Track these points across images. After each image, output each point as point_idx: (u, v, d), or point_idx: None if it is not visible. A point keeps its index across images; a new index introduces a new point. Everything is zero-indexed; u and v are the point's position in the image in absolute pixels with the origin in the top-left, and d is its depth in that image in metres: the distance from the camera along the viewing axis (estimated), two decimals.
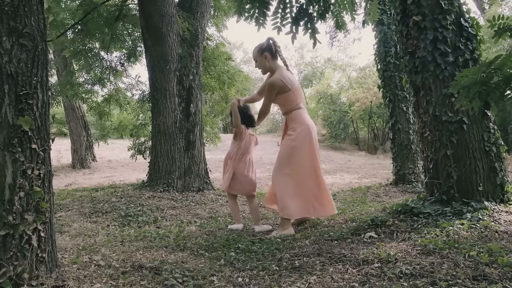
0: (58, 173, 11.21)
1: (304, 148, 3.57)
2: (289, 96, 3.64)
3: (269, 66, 3.72)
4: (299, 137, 3.58)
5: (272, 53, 3.69)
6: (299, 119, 3.65)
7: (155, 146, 5.59)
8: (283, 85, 3.61)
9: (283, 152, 3.63)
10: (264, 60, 3.69)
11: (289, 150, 3.58)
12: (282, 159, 3.61)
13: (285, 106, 3.72)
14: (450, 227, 2.96)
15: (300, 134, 3.58)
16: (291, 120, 3.67)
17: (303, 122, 3.64)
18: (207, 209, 4.81)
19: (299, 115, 3.67)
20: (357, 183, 8.73)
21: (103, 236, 3.61)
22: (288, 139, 3.63)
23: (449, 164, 3.59)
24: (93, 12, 6.04)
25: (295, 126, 3.63)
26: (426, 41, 3.73)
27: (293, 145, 3.56)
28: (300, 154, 3.57)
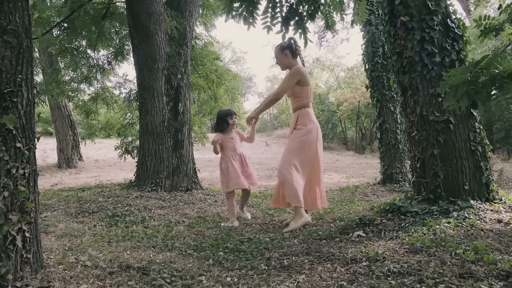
0: (43, 173, 11.05)
1: (312, 144, 3.71)
2: (306, 90, 3.80)
3: (288, 63, 3.85)
4: (310, 133, 3.72)
5: (293, 52, 3.80)
6: (310, 117, 3.81)
7: (143, 146, 5.53)
8: (306, 76, 3.79)
9: (294, 144, 3.73)
10: (284, 57, 3.83)
11: (300, 143, 3.70)
12: (293, 151, 3.71)
13: (300, 99, 3.82)
14: (437, 226, 2.99)
15: (311, 131, 3.73)
16: (303, 116, 3.79)
17: (314, 121, 3.82)
18: (195, 208, 4.78)
19: (310, 113, 3.84)
20: (345, 182, 8.77)
21: (89, 236, 3.56)
22: (298, 133, 3.74)
23: (436, 163, 3.64)
24: (79, 9, 5.95)
25: (306, 121, 3.77)
26: (414, 42, 3.77)
27: (304, 139, 3.70)
28: (308, 149, 3.70)
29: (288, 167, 3.66)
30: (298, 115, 3.82)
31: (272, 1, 2.81)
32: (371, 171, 11.45)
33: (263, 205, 5.19)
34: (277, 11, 2.84)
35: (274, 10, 2.82)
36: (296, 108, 3.87)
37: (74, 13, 6.01)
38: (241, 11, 2.69)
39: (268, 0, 2.83)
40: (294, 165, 3.66)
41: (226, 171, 4.05)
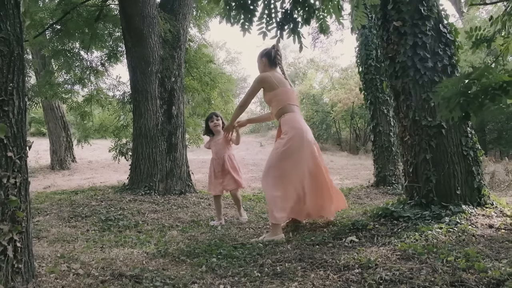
0: (36, 175, 10.97)
1: (295, 152, 3.50)
2: (276, 94, 3.63)
3: (263, 70, 3.81)
4: (291, 141, 3.51)
5: (270, 60, 3.76)
6: (292, 123, 3.59)
7: (136, 149, 5.51)
8: (270, 81, 3.64)
9: (273, 155, 3.56)
10: (262, 64, 3.81)
11: (279, 154, 3.51)
12: (272, 163, 3.54)
13: (275, 104, 3.67)
14: (429, 231, 3.01)
15: (293, 138, 3.51)
16: (284, 124, 3.62)
17: (296, 126, 3.57)
18: (189, 212, 4.77)
19: (291, 118, 3.61)
20: (339, 184, 8.79)
21: (82, 242, 3.54)
22: (279, 144, 3.57)
23: (428, 168, 3.66)
24: (72, 11, 5.92)
25: (287, 129, 3.56)
26: (406, 47, 3.79)
27: (284, 149, 3.50)
28: (290, 158, 3.50)
29: (268, 180, 3.53)
30: (280, 122, 3.67)
31: (267, 7, 2.81)
32: (365, 172, 11.49)
33: (257, 208, 5.19)
34: (272, 16, 2.85)
35: (269, 16, 2.83)
36: (277, 115, 3.72)
37: (67, 15, 5.98)
38: (239, 18, 2.69)
39: (263, 7, 2.83)
40: (275, 177, 3.50)
41: (209, 175, 4.39)
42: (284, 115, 3.62)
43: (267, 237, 3.47)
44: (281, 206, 3.46)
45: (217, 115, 4.38)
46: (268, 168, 3.56)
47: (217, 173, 4.26)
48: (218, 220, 4.22)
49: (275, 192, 3.47)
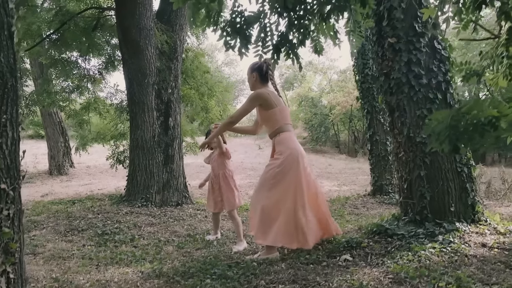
0: (34, 180, 10.98)
1: (290, 174, 3.39)
2: (274, 113, 3.51)
3: (254, 84, 3.67)
4: (286, 162, 3.40)
5: (261, 75, 3.63)
6: (287, 143, 3.48)
7: (133, 161, 5.53)
8: (269, 98, 3.50)
9: (267, 176, 3.46)
10: (253, 78, 3.66)
11: (273, 174, 3.42)
12: (265, 183, 3.46)
13: (271, 124, 3.56)
14: (422, 251, 3.03)
15: (287, 159, 3.40)
16: (279, 143, 3.51)
17: (292, 147, 3.45)
18: (185, 225, 4.79)
19: (287, 138, 3.51)
20: (336, 191, 8.82)
21: (78, 259, 3.56)
22: (273, 165, 3.46)
23: (423, 184, 3.68)
24: (69, 22, 5.93)
25: (282, 149, 3.46)
26: (401, 63, 3.80)
27: (278, 170, 3.40)
28: (284, 180, 3.39)
29: (259, 201, 3.45)
30: (275, 142, 3.55)
31: (263, 31, 2.83)
32: (362, 177, 11.50)
33: None
34: (268, 39, 2.87)
35: (265, 39, 2.85)
36: (271, 134, 3.60)
37: (64, 25, 5.99)
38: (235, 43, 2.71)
39: (259, 30, 2.85)
40: (267, 198, 3.40)
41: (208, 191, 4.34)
42: (280, 134, 3.52)
43: (262, 255, 3.46)
44: (271, 229, 3.37)
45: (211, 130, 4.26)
46: (260, 188, 3.50)
47: (215, 190, 4.20)
48: (214, 234, 4.22)
49: (265, 214, 3.40)
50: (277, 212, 3.40)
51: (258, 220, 3.45)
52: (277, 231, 3.37)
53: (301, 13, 2.90)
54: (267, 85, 3.70)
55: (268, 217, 3.40)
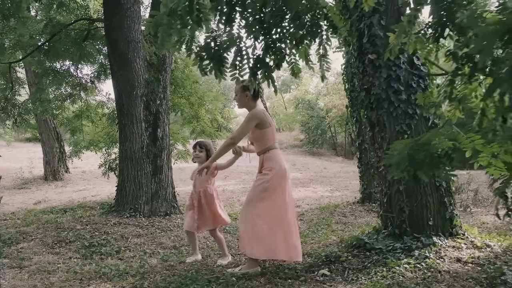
0: (29, 186, 11.05)
1: (278, 190, 3.52)
2: (267, 132, 3.62)
3: (247, 103, 3.73)
4: (275, 178, 3.51)
5: (254, 93, 3.69)
6: (277, 159, 3.60)
7: (122, 171, 5.60)
8: (264, 119, 3.61)
9: (256, 191, 3.55)
10: (245, 97, 3.71)
11: (263, 190, 3.51)
12: (254, 198, 3.55)
13: (262, 142, 3.66)
14: (397, 267, 3.09)
15: (276, 175, 3.52)
16: (268, 160, 3.60)
17: (280, 163, 3.58)
18: (172, 236, 4.85)
19: (276, 155, 3.64)
20: (328, 197, 8.89)
21: (62, 273, 3.62)
22: (262, 180, 3.54)
23: (402, 199, 3.74)
24: (60, 32, 6.00)
25: (272, 166, 3.56)
26: (381, 79, 3.86)
27: (267, 186, 3.50)
28: (272, 196, 3.51)
29: (248, 216, 3.54)
30: (264, 159, 3.63)
31: (239, 54, 2.89)
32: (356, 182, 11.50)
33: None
34: (244, 63, 2.92)
35: (241, 62, 2.90)
36: (260, 152, 3.68)
37: (55, 36, 6.06)
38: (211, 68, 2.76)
39: (235, 54, 2.91)
40: (256, 214, 3.50)
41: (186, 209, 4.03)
42: (270, 151, 3.62)
43: (244, 268, 3.52)
44: (258, 243, 3.45)
45: (201, 146, 4.13)
46: (249, 203, 3.58)
47: (194, 207, 3.98)
48: (195, 256, 3.99)
49: (253, 228, 3.48)
50: (265, 226, 3.47)
51: (246, 233, 3.56)
52: (265, 245, 3.46)
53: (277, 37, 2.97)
54: (257, 102, 3.80)
55: (256, 231, 3.47)
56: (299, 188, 10.21)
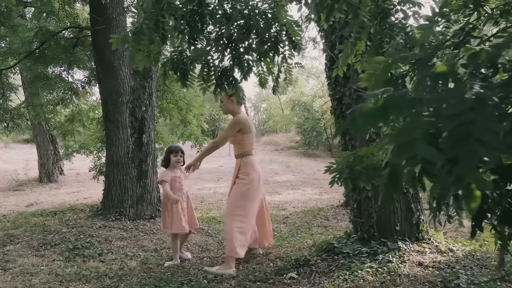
0: (24, 188, 11.21)
1: (255, 193, 3.92)
2: (248, 138, 3.98)
3: (232, 109, 4.07)
4: (252, 183, 3.89)
5: (238, 99, 3.97)
6: (253, 165, 3.98)
7: (108, 176, 5.76)
8: (247, 124, 3.98)
9: (237, 195, 3.90)
10: (230, 103, 4.03)
11: (243, 193, 3.88)
12: (236, 202, 3.89)
13: (241, 147, 4.00)
14: (359, 271, 3.25)
15: (253, 180, 3.91)
16: (245, 165, 3.96)
17: (256, 169, 3.98)
18: (154, 239, 5.00)
19: (252, 161, 4.00)
20: (316, 200, 9.02)
21: (44, 275, 3.77)
22: (241, 183, 3.91)
23: (370, 205, 3.90)
24: (49, 40, 6.16)
25: (248, 171, 3.93)
26: (351, 90, 4.03)
27: (246, 189, 3.88)
28: (251, 198, 3.89)
29: (232, 218, 3.82)
30: (241, 163, 3.98)
31: (206, 67, 3.04)
32: None
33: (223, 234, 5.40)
34: (211, 74, 3.08)
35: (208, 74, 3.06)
36: (238, 155, 4.04)
37: (45, 44, 6.22)
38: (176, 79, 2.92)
39: (202, 66, 3.06)
40: (238, 215, 3.82)
41: (171, 212, 4.10)
42: (246, 157, 3.98)
43: (220, 269, 3.73)
44: (244, 244, 3.79)
45: (182, 151, 4.32)
46: (231, 207, 3.89)
47: (183, 209, 4.18)
48: (176, 260, 4.11)
49: (239, 230, 3.77)
50: (247, 228, 3.83)
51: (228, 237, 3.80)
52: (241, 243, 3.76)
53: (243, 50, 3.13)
54: (241, 107, 4.13)
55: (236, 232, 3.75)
56: (289, 191, 10.35)
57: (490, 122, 0.67)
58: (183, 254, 4.29)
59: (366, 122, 0.88)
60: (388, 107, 0.84)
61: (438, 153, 0.71)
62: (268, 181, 12.67)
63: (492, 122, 0.66)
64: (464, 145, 0.69)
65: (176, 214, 4.08)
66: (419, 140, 0.76)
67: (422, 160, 0.73)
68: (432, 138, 0.76)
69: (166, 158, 4.31)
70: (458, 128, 0.70)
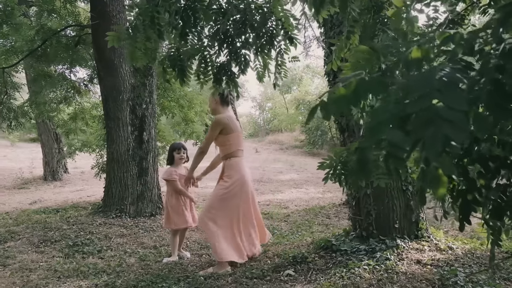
0: (28, 186, 11.29)
1: (236, 198, 3.72)
2: (231, 138, 3.79)
3: (215, 108, 3.91)
4: (233, 187, 3.71)
5: (223, 99, 3.87)
6: (237, 167, 3.78)
7: (109, 173, 5.78)
8: (227, 124, 3.77)
9: (215, 198, 3.75)
10: (214, 102, 3.90)
11: (221, 197, 3.71)
12: (212, 204, 3.73)
13: (226, 147, 3.83)
14: (356, 268, 3.22)
15: (235, 183, 3.71)
16: (229, 167, 3.79)
17: (240, 172, 3.77)
18: (154, 236, 5.00)
19: (237, 163, 3.80)
20: (318, 198, 8.99)
21: (43, 271, 3.79)
22: (222, 187, 3.75)
23: (369, 202, 3.87)
24: (51, 39, 6.19)
25: (232, 174, 3.75)
26: None
27: (226, 192, 3.70)
28: (230, 203, 3.71)
29: (206, 220, 3.69)
30: (225, 165, 3.85)
31: (203, 62, 3.03)
32: None
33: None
34: (209, 69, 3.06)
35: (206, 69, 3.05)
36: (223, 157, 3.88)
37: (47, 42, 6.25)
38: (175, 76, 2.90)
39: (199, 62, 3.05)
40: (212, 219, 3.67)
41: (175, 208, 4.15)
42: (231, 159, 3.80)
43: (215, 269, 3.69)
44: (220, 246, 3.63)
45: (185, 148, 4.38)
46: (208, 208, 3.75)
47: (187, 205, 4.26)
48: (174, 256, 4.16)
49: (213, 233, 3.65)
50: (224, 229, 3.69)
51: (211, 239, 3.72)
52: (224, 247, 3.65)
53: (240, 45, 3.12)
54: (228, 108, 3.95)
55: (214, 236, 3.66)
56: (292, 190, 10.33)
57: (458, 103, 0.65)
58: (182, 253, 4.28)
59: (338, 106, 0.86)
60: (359, 91, 0.82)
61: (405, 137, 0.69)
62: (272, 180, 12.67)
63: (460, 102, 0.64)
64: (430, 126, 0.67)
65: (181, 210, 4.17)
66: (386, 123, 0.74)
67: (388, 144, 0.71)
68: (401, 122, 0.74)
69: (170, 156, 4.37)
70: (424, 110, 0.68)
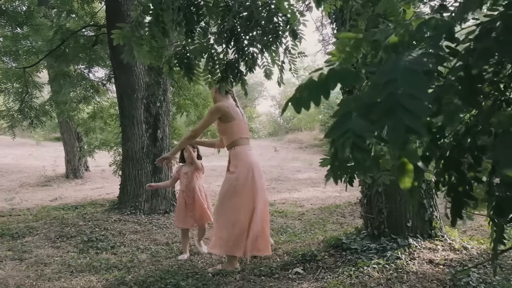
0: (51, 184, 11.59)
1: (244, 188, 3.59)
2: (232, 126, 3.68)
3: (215, 97, 3.86)
4: (240, 176, 3.59)
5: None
6: (242, 156, 3.65)
7: (124, 170, 5.87)
8: (227, 111, 3.66)
9: (225, 190, 3.67)
10: (214, 91, 3.83)
11: (231, 188, 3.61)
12: (225, 198, 3.66)
13: (228, 136, 3.74)
14: (365, 267, 3.17)
15: (242, 173, 3.59)
16: (234, 157, 3.69)
17: (246, 160, 3.63)
18: (167, 233, 5.05)
19: (241, 152, 3.68)
20: (335, 197, 8.91)
21: (57, 265, 3.87)
22: (230, 178, 3.67)
23: (381, 200, 3.80)
24: (69, 39, 6.33)
25: (237, 163, 3.64)
26: None
27: (235, 184, 3.59)
28: (240, 194, 3.59)
29: (221, 214, 3.64)
30: (230, 155, 3.75)
31: (211, 60, 3.03)
32: None
33: None
34: (217, 67, 3.06)
35: (213, 67, 3.05)
36: (228, 146, 3.78)
37: (65, 42, 6.40)
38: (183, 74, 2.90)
39: (207, 60, 3.05)
40: (226, 212, 3.61)
41: (179, 207, 4.25)
42: (235, 147, 3.69)
43: (223, 266, 3.67)
44: (236, 242, 3.55)
45: (193, 146, 4.32)
46: (221, 203, 3.68)
47: (189, 205, 4.23)
48: (185, 253, 4.19)
49: (227, 226, 3.60)
50: (234, 224, 3.58)
51: (220, 234, 3.65)
52: (235, 242, 3.56)
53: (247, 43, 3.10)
54: (228, 97, 3.85)
55: (227, 229, 3.59)
56: (309, 188, 10.26)
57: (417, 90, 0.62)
58: (199, 247, 4.33)
59: (309, 96, 0.83)
60: (329, 82, 0.80)
61: (366, 125, 0.66)
62: (289, 179, 12.60)
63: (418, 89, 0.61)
64: (391, 115, 0.64)
65: (178, 209, 4.21)
66: (352, 113, 0.72)
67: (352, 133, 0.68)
68: (367, 111, 0.71)
69: (181, 155, 4.41)
70: (387, 97, 0.66)
